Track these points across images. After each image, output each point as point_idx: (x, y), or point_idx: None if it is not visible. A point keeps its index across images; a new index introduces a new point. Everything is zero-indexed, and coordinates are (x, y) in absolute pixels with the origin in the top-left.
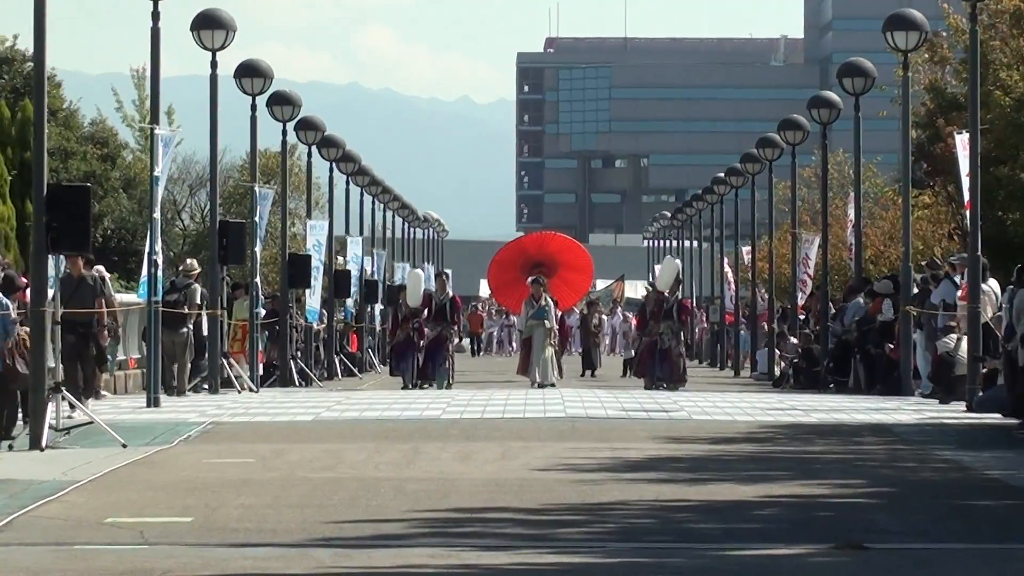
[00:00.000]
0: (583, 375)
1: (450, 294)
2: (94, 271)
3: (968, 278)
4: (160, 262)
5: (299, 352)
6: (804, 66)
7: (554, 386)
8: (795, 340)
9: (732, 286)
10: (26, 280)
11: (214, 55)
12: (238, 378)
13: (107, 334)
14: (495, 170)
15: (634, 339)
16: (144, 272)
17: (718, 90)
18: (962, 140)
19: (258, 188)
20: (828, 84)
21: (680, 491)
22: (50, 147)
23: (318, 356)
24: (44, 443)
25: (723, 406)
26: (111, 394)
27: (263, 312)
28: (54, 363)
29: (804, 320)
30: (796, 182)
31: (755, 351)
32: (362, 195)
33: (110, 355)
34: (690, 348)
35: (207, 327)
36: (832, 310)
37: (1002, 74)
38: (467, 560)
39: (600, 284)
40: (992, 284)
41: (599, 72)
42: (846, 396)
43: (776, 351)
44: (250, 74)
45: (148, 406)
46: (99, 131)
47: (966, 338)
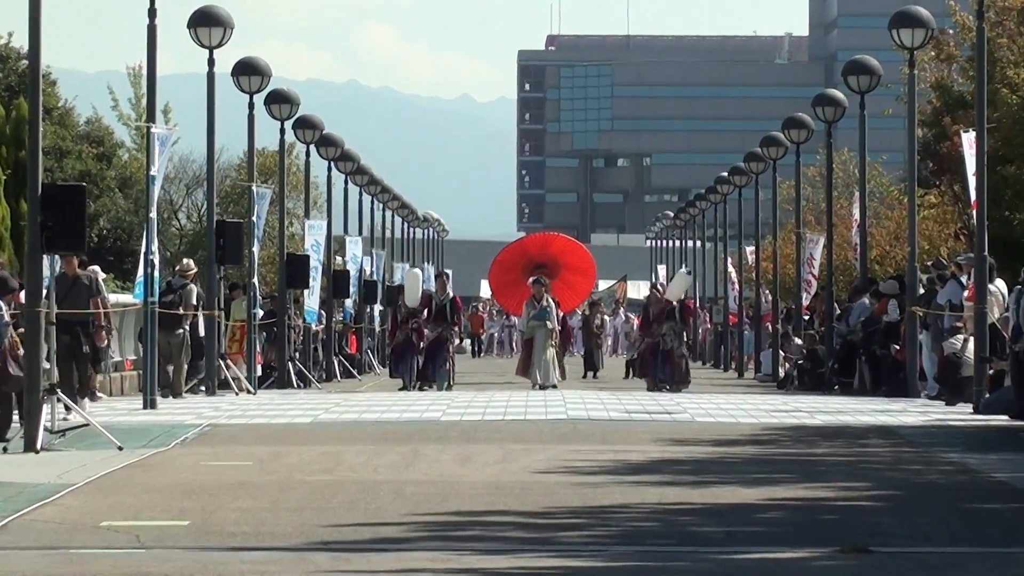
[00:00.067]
0: (585, 376)
1: (450, 294)
2: (89, 271)
3: (975, 278)
4: (156, 262)
5: (297, 353)
6: (809, 64)
7: (555, 387)
8: (799, 341)
9: (736, 286)
10: (20, 282)
11: (211, 53)
12: (235, 380)
13: (104, 335)
14: (496, 169)
15: (636, 340)
16: (140, 272)
17: (721, 88)
18: (968, 139)
19: (256, 187)
20: (833, 82)
21: (683, 494)
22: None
23: (316, 357)
24: (39, 445)
25: (727, 408)
26: (107, 396)
27: (261, 313)
28: (48, 364)
29: (808, 321)
30: (800, 181)
31: (759, 352)
32: (361, 194)
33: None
34: (693, 349)
35: (204, 328)
36: (837, 311)
37: (1009, 72)
38: (467, 564)
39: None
40: (999, 284)
41: (601, 70)
42: (851, 398)
43: (780, 352)
44: (248, 72)
45: (144, 408)
46: (95, 130)
47: (973, 339)
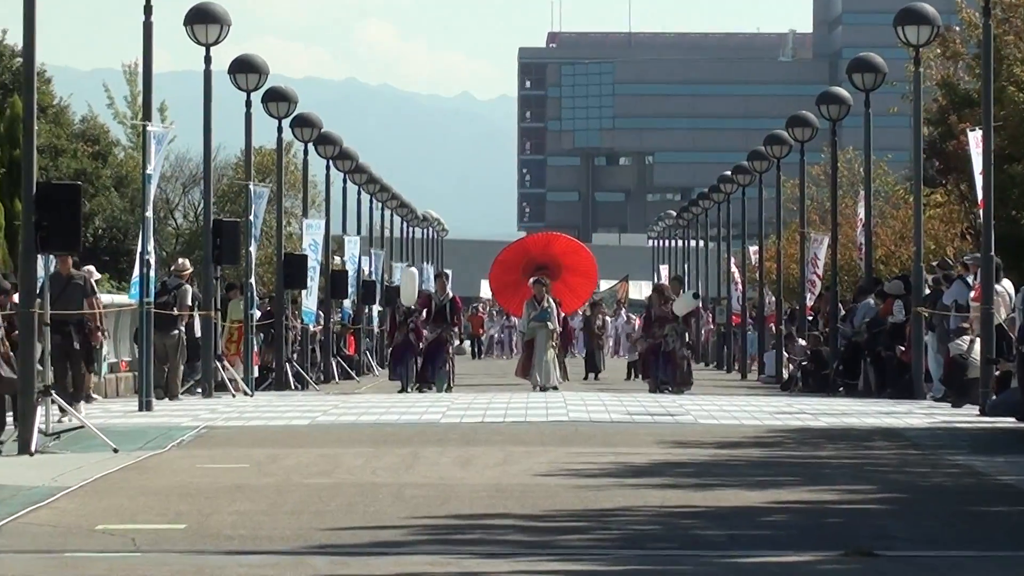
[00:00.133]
0: (586, 378)
1: (450, 295)
2: (84, 271)
3: (981, 278)
4: (152, 262)
5: (295, 355)
6: (813, 61)
7: (556, 389)
8: (804, 342)
9: (739, 287)
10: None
11: (208, 50)
12: (232, 381)
13: (100, 335)
14: (496, 168)
15: (637, 341)
16: (136, 272)
17: (725, 86)
18: (975, 137)
19: (253, 186)
20: (838, 80)
21: (686, 497)
22: (40, 144)
23: (314, 359)
24: (33, 448)
25: (730, 409)
26: (102, 397)
27: (258, 313)
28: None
29: (813, 321)
30: (805, 180)
31: (762, 353)
32: (360, 193)
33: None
34: (695, 350)
35: (200, 329)
36: (842, 311)
37: (1016, 69)
38: (467, 567)
39: (604, 285)
40: (1006, 284)
41: (602, 67)
42: (856, 399)
43: (784, 353)
44: (245, 69)
45: (140, 410)
46: (90, 128)
47: (979, 340)
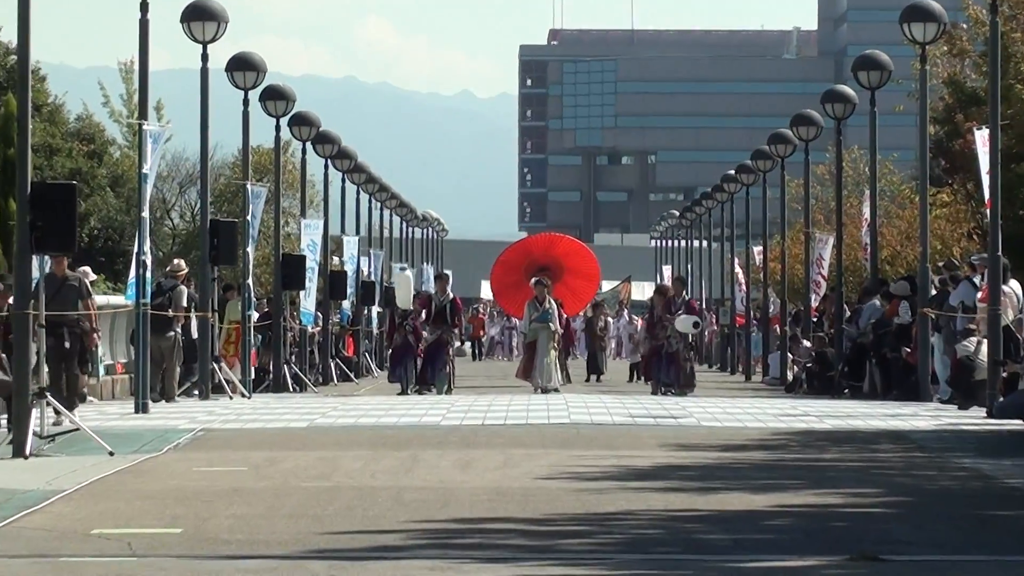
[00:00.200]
0: (588, 380)
1: (450, 296)
2: (79, 271)
3: (988, 279)
4: (149, 263)
5: (293, 356)
6: (818, 59)
7: (558, 391)
8: (808, 343)
9: (743, 287)
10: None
11: (205, 48)
12: (229, 383)
13: (96, 337)
14: (497, 167)
15: (639, 342)
16: (132, 273)
17: (728, 84)
18: (982, 136)
19: (250, 186)
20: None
21: (689, 500)
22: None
23: (313, 360)
24: (28, 451)
25: (734, 412)
26: (98, 400)
27: (256, 315)
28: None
29: (818, 323)
30: (809, 179)
31: (767, 355)
32: (359, 193)
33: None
34: (699, 351)
35: (197, 330)
36: (847, 312)
37: (1023, 67)
38: (467, 572)
39: (606, 286)
40: (1013, 285)
41: (604, 65)
42: (861, 402)
43: (789, 355)
44: (242, 67)
45: (136, 412)
46: (85, 127)
47: (986, 341)
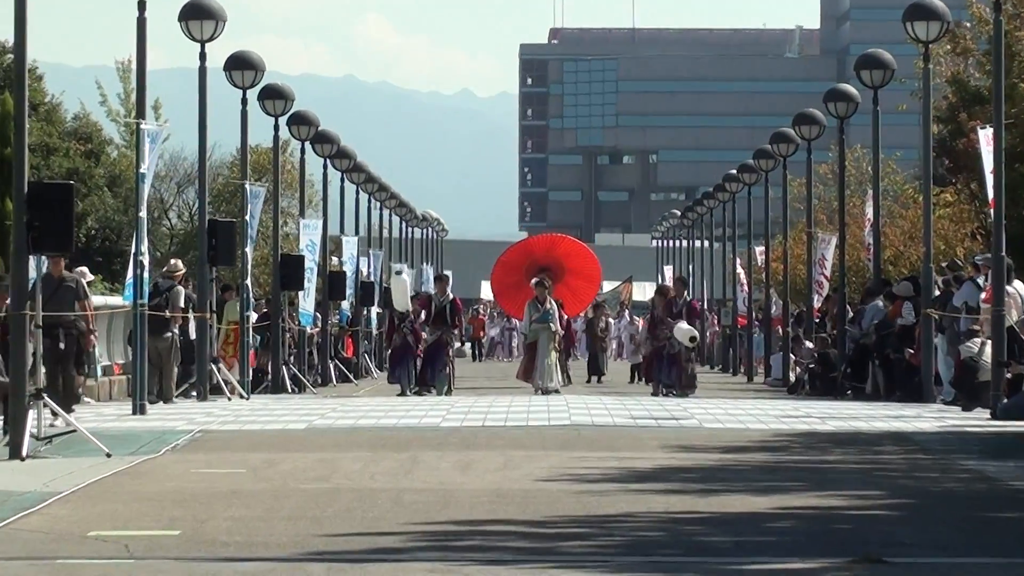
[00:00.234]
0: (589, 381)
1: (450, 296)
2: (76, 272)
3: (992, 279)
4: (146, 263)
5: (292, 357)
6: (820, 58)
7: (559, 392)
8: (811, 344)
9: (745, 288)
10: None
11: (203, 47)
12: (228, 384)
13: (93, 339)
14: (497, 167)
15: (640, 343)
16: (130, 274)
17: (730, 83)
18: (985, 135)
19: (249, 186)
20: (845, 77)
21: (690, 502)
22: (31, 143)
23: (312, 361)
24: (25, 452)
25: (736, 413)
26: (95, 401)
27: (254, 315)
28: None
29: (820, 323)
30: (812, 179)
31: (769, 356)
32: (358, 193)
33: (90, 360)
34: (700, 352)
35: (195, 331)
36: (850, 313)
37: None
38: (467, 574)
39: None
40: (1017, 286)
41: (605, 64)
42: (864, 403)
43: (791, 356)
44: (240, 66)
45: (134, 413)
46: (83, 126)
47: (990, 342)
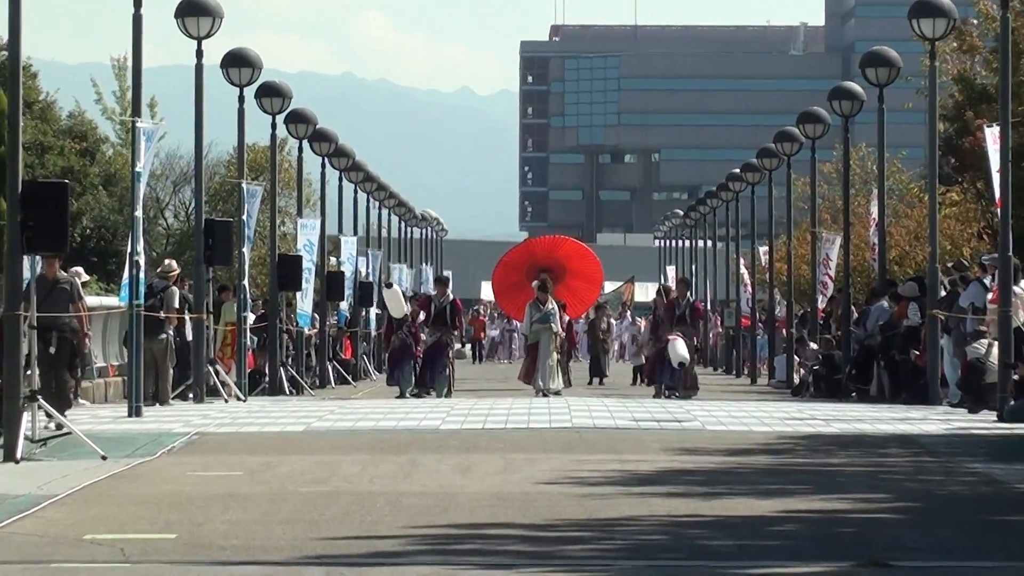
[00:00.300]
0: (591, 383)
1: (451, 297)
2: (72, 272)
3: (999, 280)
4: (142, 263)
5: (290, 359)
6: (825, 55)
7: (560, 394)
8: (815, 346)
9: (748, 288)
10: None
11: (199, 44)
12: (225, 385)
13: (88, 340)
14: (497, 165)
15: (643, 344)
16: (125, 274)
17: (733, 81)
18: (992, 133)
19: (246, 185)
20: (850, 74)
21: (693, 506)
22: (25, 141)
23: (309, 363)
24: (19, 455)
25: (739, 416)
26: (90, 403)
27: (252, 316)
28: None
29: (825, 325)
30: (816, 178)
31: (773, 357)
32: (356, 192)
33: (87, 362)
34: (704, 354)
35: (191, 332)
36: (854, 314)
37: None
38: None
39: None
40: None
41: (607, 62)
42: (869, 405)
43: (795, 357)
44: (237, 64)
45: (129, 416)
46: (77, 124)
47: (997, 343)
